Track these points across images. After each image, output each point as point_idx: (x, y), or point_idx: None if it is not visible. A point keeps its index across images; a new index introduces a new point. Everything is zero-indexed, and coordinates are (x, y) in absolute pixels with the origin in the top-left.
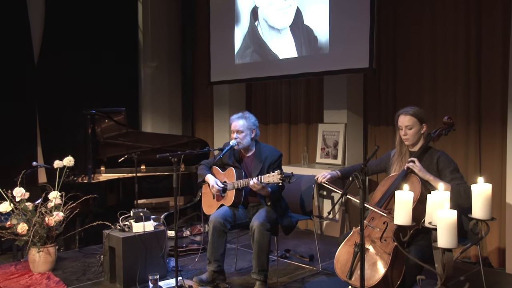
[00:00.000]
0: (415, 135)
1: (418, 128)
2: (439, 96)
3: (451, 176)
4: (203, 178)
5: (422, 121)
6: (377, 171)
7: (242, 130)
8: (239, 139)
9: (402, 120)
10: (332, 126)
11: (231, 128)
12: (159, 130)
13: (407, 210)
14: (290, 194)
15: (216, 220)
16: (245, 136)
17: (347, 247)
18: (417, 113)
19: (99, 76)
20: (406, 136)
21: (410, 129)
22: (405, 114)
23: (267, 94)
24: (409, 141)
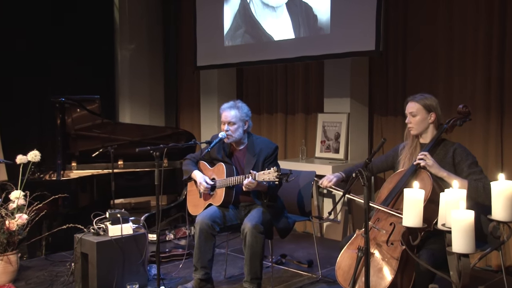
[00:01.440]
0: (420, 124)
1: (423, 117)
2: (456, 82)
3: (469, 171)
4: (189, 175)
5: (430, 110)
6: (383, 169)
7: (234, 122)
8: (230, 131)
9: (407, 107)
10: (333, 117)
11: (221, 119)
12: (138, 120)
13: (417, 210)
14: (286, 193)
15: (203, 222)
16: (238, 129)
17: (350, 252)
18: (425, 101)
19: (70, 59)
20: (410, 124)
21: (414, 116)
22: (412, 101)
23: (260, 80)
24: (413, 130)
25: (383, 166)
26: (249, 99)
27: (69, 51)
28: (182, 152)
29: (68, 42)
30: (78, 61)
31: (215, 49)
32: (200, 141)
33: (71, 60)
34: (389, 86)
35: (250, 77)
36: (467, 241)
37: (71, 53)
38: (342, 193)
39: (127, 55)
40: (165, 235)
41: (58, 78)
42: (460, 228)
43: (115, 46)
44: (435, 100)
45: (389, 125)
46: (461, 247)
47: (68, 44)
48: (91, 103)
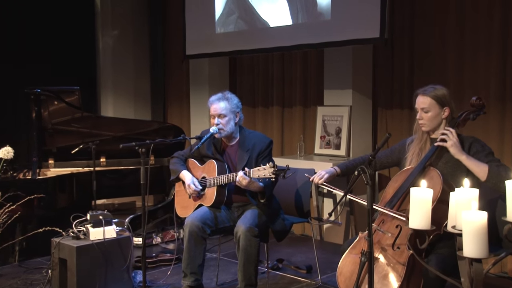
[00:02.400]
0: (433, 120)
1: (436, 112)
2: (467, 72)
3: (487, 159)
4: (177, 175)
5: (444, 104)
6: (387, 165)
7: (224, 114)
8: (221, 125)
9: (418, 101)
10: (334, 110)
11: (210, 113)
12: (122, 114)
13: (425, 211)
14: (283, 192)
15: (193, 224)
16: (229, 121)
17: (353, 256)
18: (438, 94)
19: (45, 46)
20: (422, 120)
21: (426, 112)
22: (422, 94)
23: (255, 70)
24: (425, 127)
25: (387, 161)
26: (243, 91)
27: (44, 38)
28: (170, 148)
29: (43, 28)
30: (55, 49)
31: (206, 36)
32: (190, 137)
33: (47, 47)
34: (394, 77)
35: (243, 67)
36: (479, 244)
37: (47, 39)
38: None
39: (109, 42)
40: (152, 239)
41: (32, 67)
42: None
43: (96, 32)
44: (447, 91)
45: (394, 119)
46: (473, 252)
47: (43, 29)
48: (70, 95)
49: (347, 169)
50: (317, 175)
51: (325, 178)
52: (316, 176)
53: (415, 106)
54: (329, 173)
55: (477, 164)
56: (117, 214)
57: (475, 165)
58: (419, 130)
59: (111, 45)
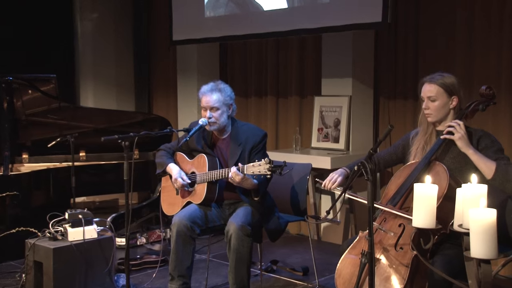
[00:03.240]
0: (440, 110)
1: (444, 102)
2: (477, 59)
3: (496, 156)
4: (164, 168)
5: (452, 93)
6: (391, 163)
7: (217, 107)
8: (214, 118)
9: (425, 90)
10: (332, 100)
11: (201, 105)
12: (103, 104)
13: (429, 209)
14: (278, 189)
15: (181, 223)
16: (222, 114)
17: (352, 258)
18: (446, 82)
19: (18, 30)
20: (428, 110)
21: (433, 101)
22: (429, 82)
23: (247, 57)
24: (431, 117)
25: (391, 159)
26: (235, 80)
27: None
28: (155, 141)
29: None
30: (28, 34)
31: (194, 20)
32: (177, 129)
33: (20, 32)
34: (398, 64)
35: (235, 54)
36: (488, 244)
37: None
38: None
39: (88, 27)
40: (136, 239)
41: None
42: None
43: (74, 15)
44: (456, 79)
45: (397, 110)
46: (481, 252)
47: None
48: (46, 83)
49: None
50: (328, 179)
51: (338, 182)
52: (328, 181)
53: (420, 95)
54: (341, 175)
55: (485, 160)
56: (98, 212)
57: (482, 162)
58: (424, 122)
59: (90, 29)
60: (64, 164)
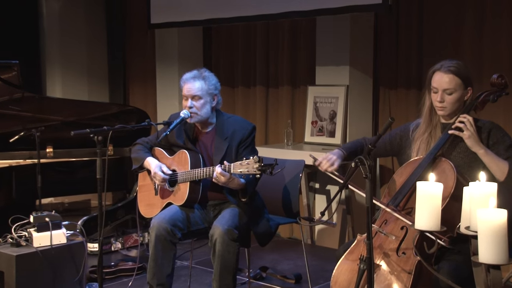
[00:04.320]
0: (455, 104)
1: (461, 94)
2: (487, 46)
3: (507, 154)
4: (141, 163)
5: (468, 84)
6: (383, 154)
7: (199, 96)
8: (195, 108)
9: (440, 80)
10: (328, 90)
11: (183, 93)
12: (73, 95)
13: (433, 209)
14: (267, 188)
15: (161, 226)
16: (204, 105)
17: (350, 263)
18: (463, 72)
19: None
20: (442, 103)
21: (450, 94)
22: (445, 72)
23: (234, 43)
24: (445, 111)
25: (385, 150)
26: (220, 67)
27: None
28: (132, 136)
29: None
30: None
31: (175, 1)
32: (156, 122)
33: None
34: (400, 51)
35: (221, 39)
36: (498, 248)
37: None
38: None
39: (55, 8)
40: (110, 244)
41: None
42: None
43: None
44: (469, 69)
45: (399, 101)
46: (490, 257)
47: None
48: (6, 71)
49: (350, 153)
50: (325, 159)
51: (336, 165)
52: (324, 161)
53: (432, 86)
54: (339, 156)
55: (497, 161)
56: (68, 215)
57: (494, 162)
58: (427, 113)
59: (57, 10)
60: (29, 161)
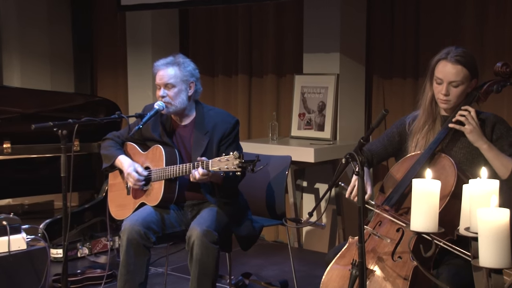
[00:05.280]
0: (461, 97)
1: (467, 86)
2: (490, 30)
3: (511, 151)
4: (112, 162)
5: (475, 75)
6: (385, 157)
7: (172, 84)
8: (168, 98)
9: (446, 71)
10: (316, 79)
11: (156, 81)
12: (34, 84)
13: (431, 209)
14: (251, 186)
15: (133, 229)
16: (178, 93)
17: (340, 269)
18: (471, 62)
19: None
20: (446, 96)
21: (456, 86)
22: (452, 62)
23: (214, 27)
24: (449, 104)
25: (387, 153)
26: (199, 54)
27: None
28: (101, 130)
29: None
30: None
31: None
32: (128, 115)
33: None
34: (395, 36)
35: (199, 24)
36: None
37: None
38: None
39: None
40: (76, 250)
41: None
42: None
43: None
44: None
45: (394, 91)
46: (491, 260)
47: None
48: None
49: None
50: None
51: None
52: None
53: (436, 76)
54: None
55: (500, 157)
56: (29, 218)
57: (498, 159)
58: (427, 104)
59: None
60: None
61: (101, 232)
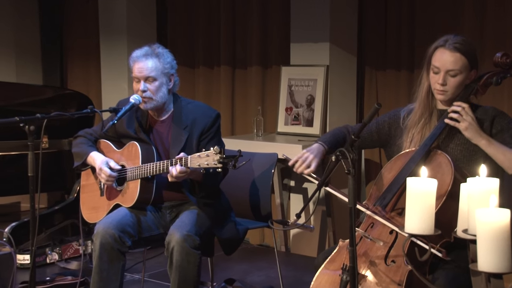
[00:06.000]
0: (459, 88)
1: (465, 76)
2: (490, 18)
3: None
4: (84, 159)
5: (474, 66)
6: (369, 144)
7: (154, 77)
8: (149, 92)
9: (444, 59)
10: (304, 71)
11: (133, 74)
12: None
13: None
14: (234, 186)
15: (107, 233)
16: (160, 87)
17: (330, 274)
18: (471, 51)
19: None
20: (443, 86)
21: (454, 76)
22: (450, 49)
23: (194, 15)
24: (446, 95)
25: (372, 140)
26: (178, 44)
27: None
28: (71, 125)
29: None
30: None
31: None
32: (101, 109)
33: None
34: (389, 24)
35: (178, 10)
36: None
37: None
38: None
39: None
40: (45, 256)
41: None
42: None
43: None
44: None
45: (388, 83)
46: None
47: None
48: None
49: (332, 147)
50: (300, 160)
51: (313, 167)
52: (300, 161)
53: (433, 65)
54: (317, 155)
55: (503, 150)
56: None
57: (500, 152)
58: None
59: None
60: None
61: (72, 236)
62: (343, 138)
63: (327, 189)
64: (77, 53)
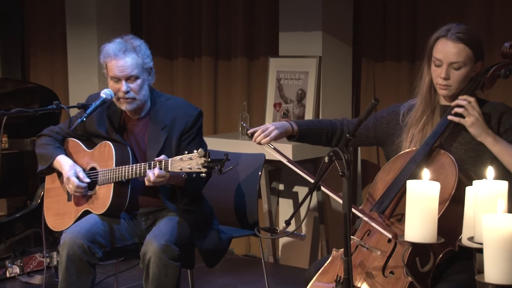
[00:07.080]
0: (463, 81)
1: (470, 69)
2: (498, 6)
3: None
4: (50, 163)
5: (479, 57)
6: (365, 141)
7: (136, 75)
8: (133, 92)
9: (446, 51)
10: (295, 63)
11: (112, 73)
12: None
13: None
14: (217, 190)
15: (75, 243)
16: (142, 85)
17: (323, 286)
18: (476, 41)
19: None
20: (446, 81)
21: (457, 69)
22: (453, 40)
23: (172, 1)
24: (449, 90)
25: (368, 136)
26: (153, 33)
27: None
28: (35, 123)
29: None
30: None
31: None
32: (68, 105)
33: None
34: (388, 12)
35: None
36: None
37: None
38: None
39: None
40: (5, 269)
41: None
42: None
43: None
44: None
45: (386, 76)
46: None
47: None
48: None
49: (307, 131)
50: (260, 130)
51: (272, 137)
52: (259, 131)
53: (434, 57)
54: (280, 128)
55: (510, 151)
56: None
57: (507, 152)
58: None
59: None
60: None
61: (35, 247)
62: (324, 130)
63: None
64: (40, 42)
